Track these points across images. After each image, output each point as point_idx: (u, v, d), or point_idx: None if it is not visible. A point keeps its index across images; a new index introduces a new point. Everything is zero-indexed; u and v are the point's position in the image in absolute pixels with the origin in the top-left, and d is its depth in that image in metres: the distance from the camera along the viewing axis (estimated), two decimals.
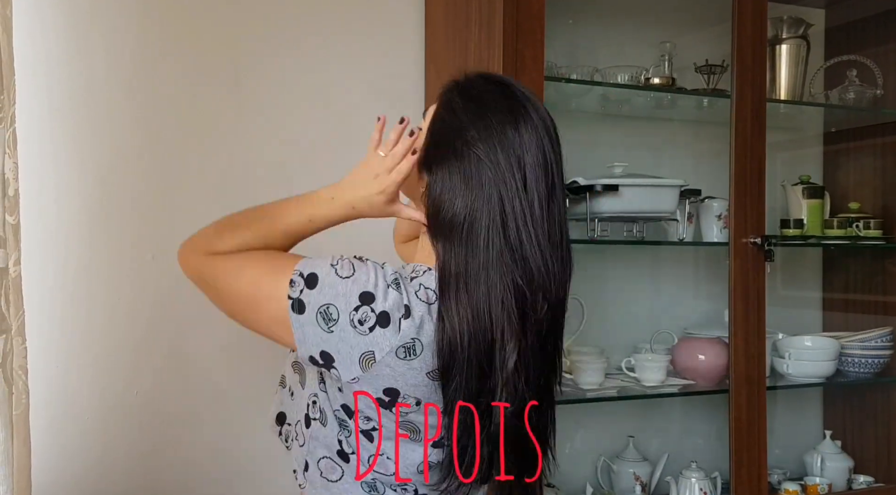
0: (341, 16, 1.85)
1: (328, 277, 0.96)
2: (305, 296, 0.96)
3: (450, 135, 1.01)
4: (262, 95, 1.78)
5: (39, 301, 1.53)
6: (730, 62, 1.92)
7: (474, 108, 1.00)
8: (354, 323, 0.93)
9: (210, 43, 1.74)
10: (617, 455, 2.06)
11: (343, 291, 0.94)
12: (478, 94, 1.02)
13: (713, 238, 2.04)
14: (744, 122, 1.90)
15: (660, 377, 1.94)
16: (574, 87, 1.92)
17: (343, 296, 0.94)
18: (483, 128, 0.98)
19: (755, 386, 1.91)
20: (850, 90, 2.20)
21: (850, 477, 2.16)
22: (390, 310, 0.94)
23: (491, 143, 0.96)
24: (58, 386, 1.60)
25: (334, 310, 0.94)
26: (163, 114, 1.70)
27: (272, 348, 1.78)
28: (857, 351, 2.14)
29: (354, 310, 0.94)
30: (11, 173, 1.14)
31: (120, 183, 1.66)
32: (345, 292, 0.94)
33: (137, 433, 1.66)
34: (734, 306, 1.89)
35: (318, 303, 0.95)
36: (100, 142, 1.64)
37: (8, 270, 1.12)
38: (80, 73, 1.62)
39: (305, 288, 0.96)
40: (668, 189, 1.91)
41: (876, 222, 2.19)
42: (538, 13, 1.64)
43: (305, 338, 0.97)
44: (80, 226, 1.62)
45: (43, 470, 1.48)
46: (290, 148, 1.81)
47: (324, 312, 0.95)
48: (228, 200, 1.76)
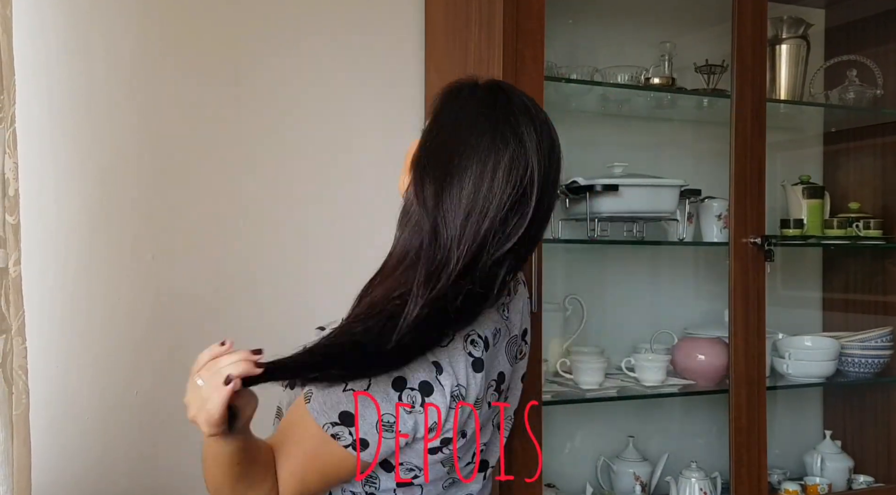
0: (341, 16, 1.85)
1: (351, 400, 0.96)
2: (353, 434, 0.96)
3: (428, 142, 1.03)
4: (262, 95, 1.78)
5: (39, 301, 1.53)
6: (730, 62, 1.92)
7: (454, 117, 1.02)
8: (405, 408, 0.95)
9: (210, 43, 1.74)
10: (617, 455, 2.06)
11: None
12: (463, 102, 1.03)
13: (713, 238, 2.04)
14: (744, 122, 1.89)
15: (660, 377, 1.94)
16: (574, 87, 1.92)
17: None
18: (461, 139, 0.98)
19: (755, 386, 1.91)
20: (850, 90, 2.20)
21: (850, 477, 2.16)
22: (426, 377, 0.96)
23: (465, 154, 0.96)
24: (58, 386, 1.60)
25: (389, 419, 0.95)
26: (163, 114, 1.70)
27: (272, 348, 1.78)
28: (857, 351, 2.14)
29: (399, 400, 0.95)
30: (11, 173, 1.14)
31: (120, 183, 1.66)
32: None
33: (137, 433, 1.66)
34: (734, 306, 1.89)
35: (370, 428, 0.95)
36: (100, 142, 1.64)
37: (8, 270, 1.12)
38: (80, 73, 1.62)
39: (342, 426, 0.96)
40: (668, 189, 1.91)
41: (876, 222, 2.19)
42: (538, 13, 1.64)
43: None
44: (80, 226, 1.62)
45: (43, 470, 1.48)
46: (289, 148, 1.81)
47: (386, 425, 0.95)
48: (228, 200, 1.76)
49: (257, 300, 1.77)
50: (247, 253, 1.77)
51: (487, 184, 0.94)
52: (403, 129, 1.89)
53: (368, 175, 1.85)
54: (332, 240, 1.84)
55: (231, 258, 1.76)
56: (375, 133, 1.87)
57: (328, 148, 1.84)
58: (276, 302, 1.78)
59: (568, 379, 1.90)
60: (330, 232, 1.84)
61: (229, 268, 1.76)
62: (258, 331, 1.76)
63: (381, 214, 1.87)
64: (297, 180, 1.81)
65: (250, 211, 1.77)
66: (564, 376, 1.91)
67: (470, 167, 0.95)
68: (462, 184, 0.95)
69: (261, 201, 1.79)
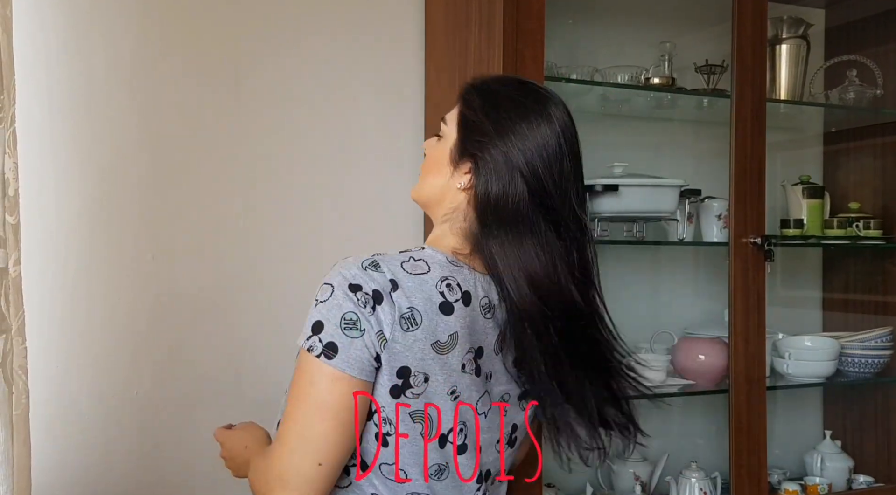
0: (341, 16, 1.85)
1: (318, 312, 0.99)
2: (323, 340, 0.98)
3: (472, 131, 1.08)
4: (262, 95, 1.78)
5: (39, 301, 1.53)
6: (730, 62, 1.92)
7: (490, 106, 1.08)
8: (361, 305, 0.97)
9: (210, 43, 1.74)
10: (617, 455, 2.06)
11: (334, 304, 0.98)
12: (494, 92, 1.10)
13: (713, 238, 2.04)
14: (744, 121, 1.90)
15: (660, 377, 1.94)
16: (574, 87, 1.92)
17: (337, 307, 0.98)
18: (497, 123, 1.06)
19: (755, 386, 1.91)
20: (850, 90, 2.20)
21: (850, 477, 2.16)
22: (380, 287, 0.98)
23: (506, 137, 1.05)
24: (58, 386, 1.60)
25: (350, 316, 0.97)
26: (163, 113, 1.70)
27: (271, 348, 1.79)
28: (857, 351, 2.14)
29: (356, 300, 0.97)
30: (11, 173, 1.14)
31: (120, 183, 1.66)
32: (336, 304, 0.98)
33: (137, 433, 1.66)
34: (734, 306, 1.89)
35: (333, 328, 0.97)
36: (100, 142, 1.64)
37: (8, 270, 1.12)
38: (80, 73, 1.63)
39: (314, 336, 0.98)
40: (668, 189, 1.91)
41: (876, 222, 2.19)
42: (538, 13, 1.64)
43: (363, 362, 0.98)
44: (80, 226, 1.63)
45: (43, 470, 1.48)
46: (290, 148, 1.81)
47: (346, 322, 0.97)
48: (228, 200, 1.76)
49: (257, 300, 1.77)
50: (247, 253, 1.77)
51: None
52: (404, 129, 1.89)
53: (368, 175, 1.86)
54: (333, 241, 1.84)
55: (231, 258, 1.76)
56: (375, 133, 1.87)
57: (328, 148, 1.84)
58: (277, 302, 1.78)
59: None
60: (330, 232, 1.84)
61: (229, 269, 1.76)
62: (258, 332, 1.77)
63: (381, 214, 1.87)
64: (297, 180, 1.81)
65: (250, 211, 1.77)
66: None
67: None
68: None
69: (261, 201, 1.79)
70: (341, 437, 0.98)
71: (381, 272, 0.99)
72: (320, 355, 0.97)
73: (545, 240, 1.05)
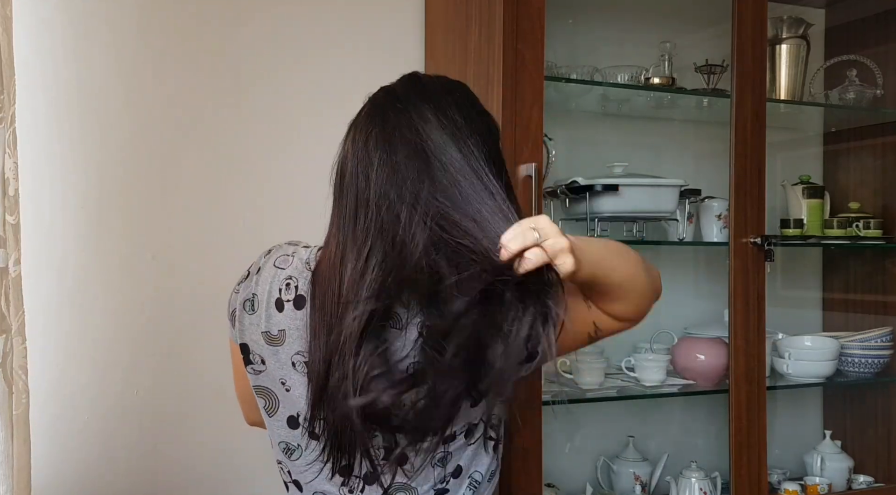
0: (341, 15, 1.85)
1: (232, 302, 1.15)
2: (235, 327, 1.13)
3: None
4: (262, 95, 1.78)
5: (39, 301, 1.53)
6: (730, 62, 1.92)
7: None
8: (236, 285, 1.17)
9: (210, 43, 1.74)
10: (617, 455, 2.06)
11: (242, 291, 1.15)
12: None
13: (713, 238, 2.04)
14: (744, 121, 1.89)
15: (660, 377, 1.94)
16: (574, 86, 1.92)
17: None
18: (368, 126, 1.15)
19: (755, 386, 1.91)
20: (850, 90, 2.20)
21: (850, 477, 2.16)
22: (249, 270, 1.16)
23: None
24: (58, 386, 1.60)
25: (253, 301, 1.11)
26: (163, 113, 1.70)
27: None
28: (857, 351, 2.14)
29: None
30: (11, 173, 1.14)
31: (120, 183, 1.66)
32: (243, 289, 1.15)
33: (137, 433, 1.66)
34: (734, 306, 1.89)
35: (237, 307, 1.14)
36: (100, 142, 1.64)
37: (8, 270, 1.12)
38: (80, 73, 1.63)
39: (231, 325, 1.14)
40: (668, 189, 1.91)
41: (876, 222, 2.19)
42: (538, 13, 1.64)
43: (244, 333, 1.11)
44: (80, 226, 1.63)
45: (43, 469, 1.49)
46: (289, 148, 1.81)
47: (246, 304, 1.11)
48: (228, 200, 1.76)
49: None
50: (247, 253, 1.76)
51: None
52: None
53: None
54: None
55: (231, 258, 1.75)
56: None
57: (328, 148, 1.84)
58: None
59: (568, 379, 1.90)
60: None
61: (229, 269, 1.75)
62: None
63: None
64: (297, 180, 1.81)
65: (250, 211, 1.77)
66: (565, 376, 1.91)
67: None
68: None
69: (261, 202, 1.79)
70: (239, 388, 1.25)
71: (263, 258, 1.15)
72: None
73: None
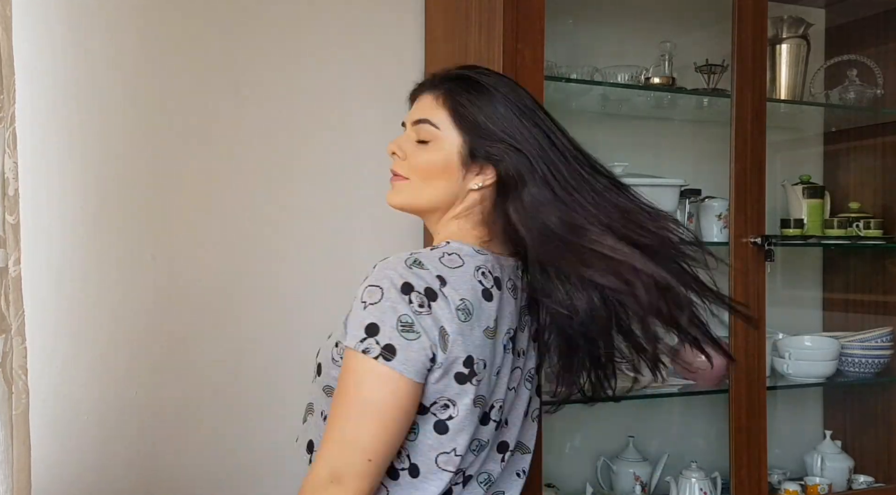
0: (341, 16, 1.85)
1: (369, 315, 1.00)
2: (380, 342, 0.99)
3: (477, 132, 1.12)
4: (262, 96, 1.78)
5: (39, 301, 1.53)
6: (730, 62, 1.92)
7: (480, 102, 1.12)
8: (416, 306, 0.99)
9: (210, 42, 1.74)
10: (617, 455, 2.06)
11: (387, 307, 1.00)
12: (473, 86, 1.14)
13: (713, 238, 2.04)
14: (744, 121, 1.89)
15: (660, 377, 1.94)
16: (574, 86, 1.92)
17: (391, 309, 0.99)
18: (495, 119, 1.11)
19: (755, 386, 1.91)
20: (850, 90, 2.20)
21: (850, 477, 2.16)
22: (430, 284, 1.01)
23: (508, 130, 1.10)
24: (58, 386, 1.60)
25: (406, 318, 0.99)
26: (163, 113, 1.70)
27: (271, 348, 1.79)
28: (858, 351, 2.14)
29: (409, 301, 0.99)
30: (11, 173, 1.14)
31: (120, 183, 1.66)
32: (390, 305, 0.99)
33: (137, 433, 1.66)
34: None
35: (390, 330, 0.99)
36: (100, 141, 1.64)
37: (8, 270, 1.12)
38: (81, 73, 1.63)
39: (369, 338, 1.00)
40: (668, 189, 1.91)
41: (876, 222, 2.19)
42: (538, 13, 1.64)
43: (419, 364, 1.00)
44: (80, 226, 1.63)
45: (43, 470, 1.49)
46: (289, 148, 1.81)
47: (402, 324, 0.99)
48: (228, 200, 1.76)
49: (257, 300, 1.77)
50: (247, 253, 1.77)
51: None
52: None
53: (369, 176, 1.85)
54: (333, 241, 1.84)
55: (231, 258, 1.76)
56: (375, 134, 1.87)
57: (328, 148, 1.84)
58: (277, 302, 1.78)
59: None
60: (330, 232, 1.84)
61: (229, 268, 1.76)
62: (259, 332, 1.76)
63: (382, 216, 1.87)
64: (297, 180, 1.81)
65: (250, 211, 1.77)
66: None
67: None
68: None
69: (261, 201, 1.79)
70: (391, 436, 1.01)
71: (426, 269, 1.03)
72: (378, 357, 0.98)
73: (563, 200, 1.10)
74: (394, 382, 0.99)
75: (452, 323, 1.01)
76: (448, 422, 1.04)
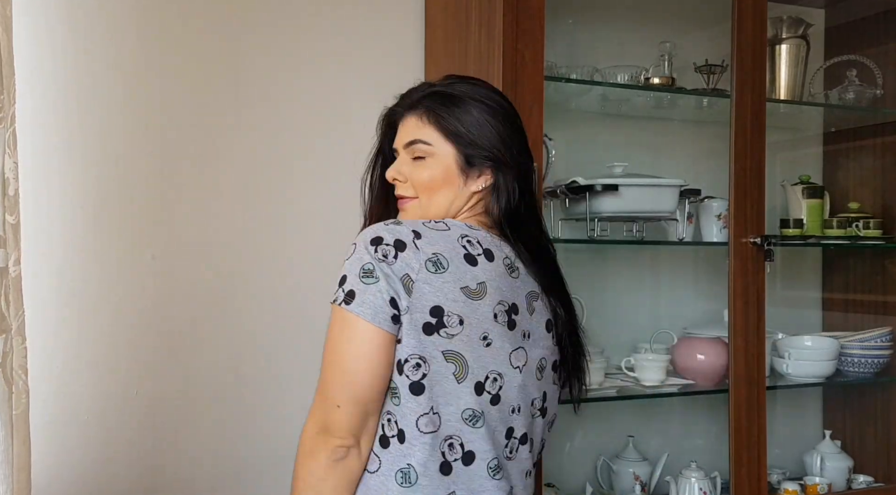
0: (341, 16, 1.85)
1: (343, 269, 1.08)
2: (345, 290, 1.06)
3: (465, 141, 1.19)
4: (262, 96, 1.78)
5: (39, 301, 1.53)
6: (730, 62, 1.92)
7: (459, 113, 1.20)
8: (380, 256, 1.05)
9: (210, 43, 1.74)
10: (617, 455, 2.06)
11: (356, 258, 1.07)
12: (451, 99, 1.21)
13: (713, 238, 2.04)
14: (744, 121, 1.90)
15: (660, 377, 1.94)
16: (574, 86, 1.92)
17: (357, 260, 1.07)
18: (477, 126, 1.19)
19: (755, 387, 1.91)
20: (849, 90, 2.20)
21: (850, 477, 2.16)
22: (402, 237, 1.07)
23: (491, 134, 1.20)
24: (58, 386, 1.60)
25: (367, 266, 1.06)
26: (163, 113, 1.70)
27: (271, 348, 1.79)
28: (857, 350, 2.14)
29: (374, 252, 1.06)
30: (11, 173, 1.14)
31: (120, 183, 1.66)
32: (358, 257, 1.07)
33: (137, 433, 1.66)
34: (734, 306, 1.89)
35: (353, 278, 1.06)
36: (100, 141, 1.64)
37: (8, 270, 1.12)
38: (81, 73, 1.63)
39: (339, 289, 1.07)
40: (668, 189, 1.91)
41: (876, 222, 2.19)
42: (538, 13, 1.64)
43: (377, 307, 1.05)
44: (80, 226, 1.63)
45: (43, 470, 1.49)
46: (289, 148, 1.81)
47: (363, 271, 1.06)
48: (228, 200, 1.76)
49: (257, 300, 1.77)
50: (247, 253, 1.77)
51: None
52: None
53: None
54: (332, 241, 1.84)
55: (231, 258, 1.76)
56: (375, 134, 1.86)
57: (328, 148, 1.84)
58: (276, 301, 1.78)
59: None
60: (330, 232, 1.84)
61: (229, 269, 1.76)
62: (258, 331, 1.77)
63: None
64: (296, 180, 1.81)
65: (250, 211, 1.77)
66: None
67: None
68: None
69: (261, 201, 1.79)
70: (352, 382, 1.06)
71: (402, 226, 1.09)
72: (341, 303, 1.06)
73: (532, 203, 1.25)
74: (352, 326, 1.05)
75: (420, 272, 1.06)
76: (423, 382, 1.07)
